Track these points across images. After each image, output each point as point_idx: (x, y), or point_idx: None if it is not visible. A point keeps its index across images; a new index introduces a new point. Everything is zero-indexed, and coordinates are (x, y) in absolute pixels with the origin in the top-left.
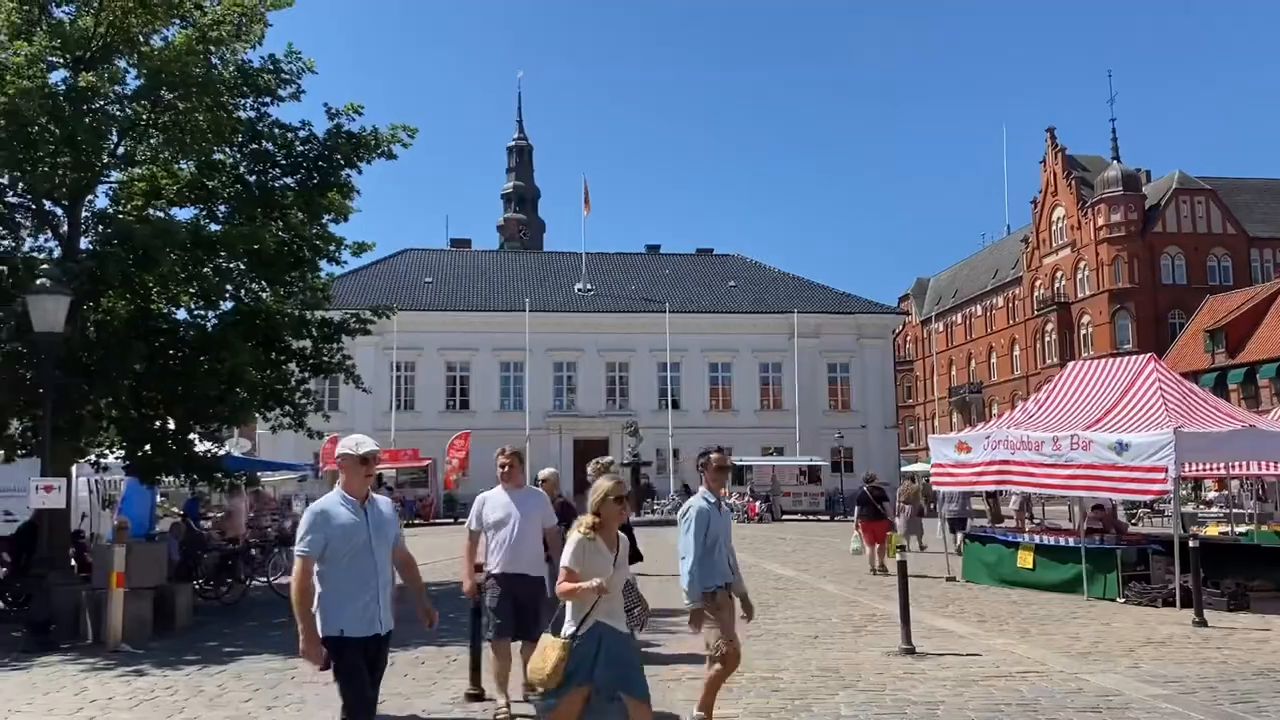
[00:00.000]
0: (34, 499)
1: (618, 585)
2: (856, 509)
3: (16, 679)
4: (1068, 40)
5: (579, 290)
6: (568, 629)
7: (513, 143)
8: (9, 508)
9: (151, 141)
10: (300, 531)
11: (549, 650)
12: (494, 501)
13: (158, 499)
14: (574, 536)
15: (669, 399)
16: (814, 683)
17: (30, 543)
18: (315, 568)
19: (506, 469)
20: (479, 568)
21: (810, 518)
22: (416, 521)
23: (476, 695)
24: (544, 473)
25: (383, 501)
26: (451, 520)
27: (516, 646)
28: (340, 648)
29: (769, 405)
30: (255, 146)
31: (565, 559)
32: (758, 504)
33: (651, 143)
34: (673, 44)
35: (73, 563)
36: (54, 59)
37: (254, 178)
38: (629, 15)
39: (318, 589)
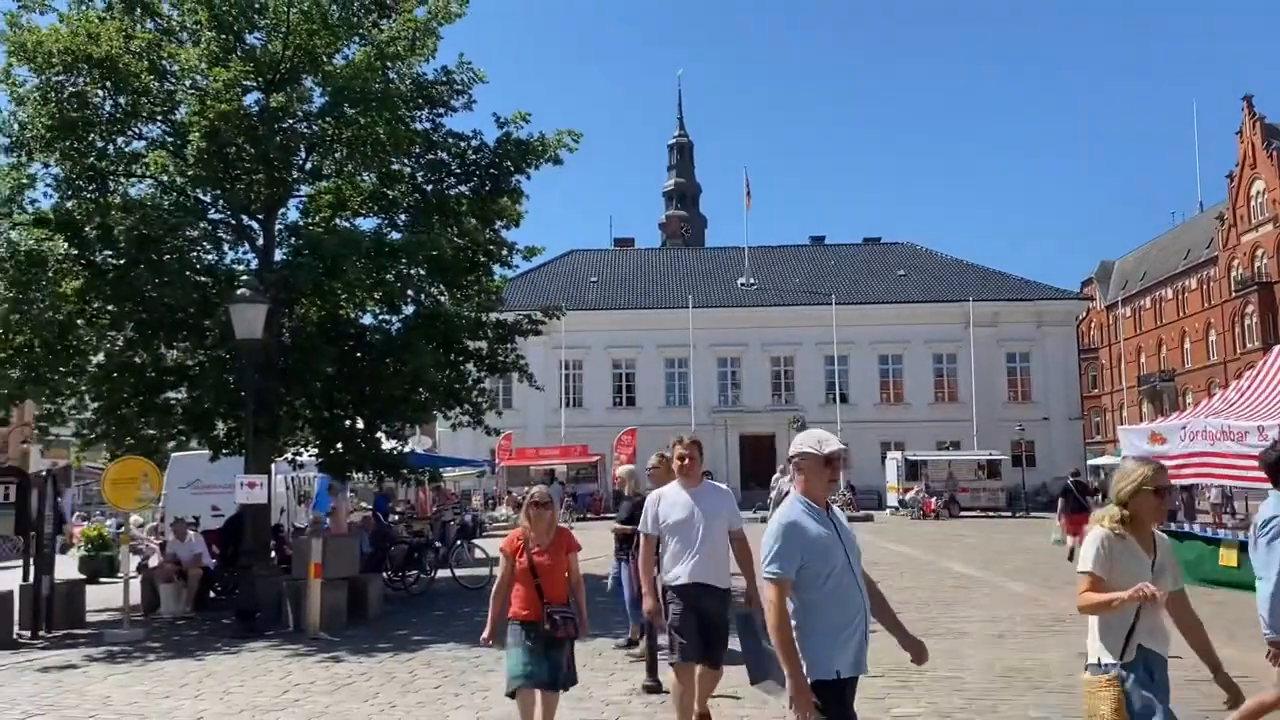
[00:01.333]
0: (239, 495)
1: (1162, 597)
2: (1060, 501)
3: (228, 662)
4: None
5: (742, 285)
6: (1100, 657)
7: (673, 140)
8: (216, 503)
9: (336, 156)
10: (770, 548)
11: (1098, 691)
12: (672, 500)
13: (348, 494)
14: (1095, 533)
15: (836, 393)
16: (999, 684)
17: (236, 536)
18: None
19: (685, 461)
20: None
21: (990, 514)
22: (588, 516)
23: (653, 687)
24: (620, 470)
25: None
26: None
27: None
28: (834, 694)
29: (943, 398)
30: (431, 157)
31: (1086, 562)
32: (934, 500)
33: (814, 133)
34: (834, 31)
35: (273, 555)
36: (248, 83)
37: (430, 187)
38: (789, 5)
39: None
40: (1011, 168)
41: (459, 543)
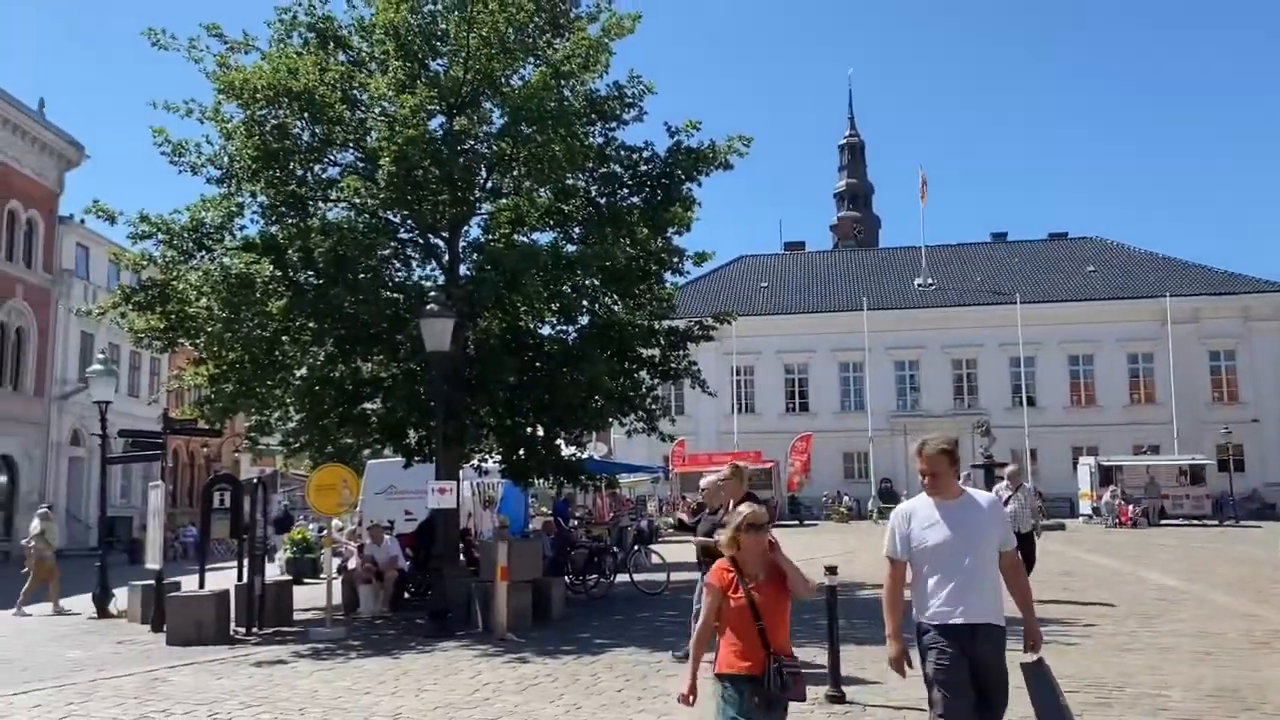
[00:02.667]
0: (431, 500)
1: None
2: None
3: (422, 661)
4: None
5: (919, 285)
6: None
7: (844, 140)
8: (409, 507)
9: (514, 173)
10: None
11: None
12: (926, 518)
13: (530, 499)
14: None
15: (1023, 395)
16: (1208, 703)
17: (428, 539)
18: None
19: (930, 478)
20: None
21: (1194, 522)
22: None
23: (837, 697)
24: (705, 481)
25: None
26: (796, 522)
27: None
28: None
29: (1139, 399)
30: (604, 169)
31: None
32: (1130, 507)
33: (992, 128)
34: (1009, 17)
35: (461, 557)
36: (432, 108)
37: (604, 199)
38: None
39: None
40: (1210, 153)
41: (636, 548)
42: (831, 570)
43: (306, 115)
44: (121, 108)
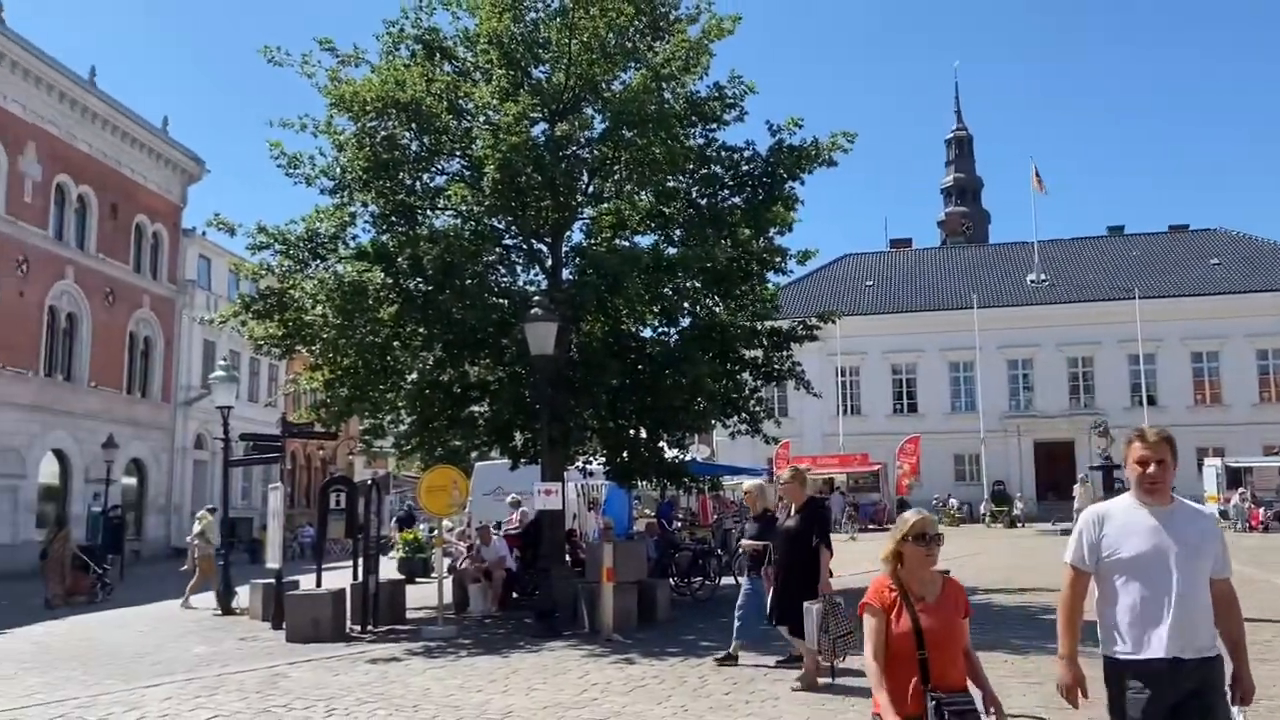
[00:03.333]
0: (537, 501)
1: None
2: None
3: (531, 660)
4: None
5: (1032, 282)
6: None
7: (951, 135)
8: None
9: (615, 178)
10: None
11: None
12: (1125, 524)
13: (633, 501)
14: None
15: (1143, 395)
16: None
17: (535, 540)
18: None
19: (1151, 468)
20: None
21: None
22: (870, 527)
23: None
24: (748, 484)
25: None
26: None
27: None
28: None
29: (1270, 398)
30: (705, 171)
31: None
32: (1261, 510)
33: (1104, 117)
34: (1121, 5)
35: (567, 558)
36: (534, 115)
37: (704, 200)
38: None
39: None
40: None
41: (740, 550)
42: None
43: (414, 125)
44: (238, 123)
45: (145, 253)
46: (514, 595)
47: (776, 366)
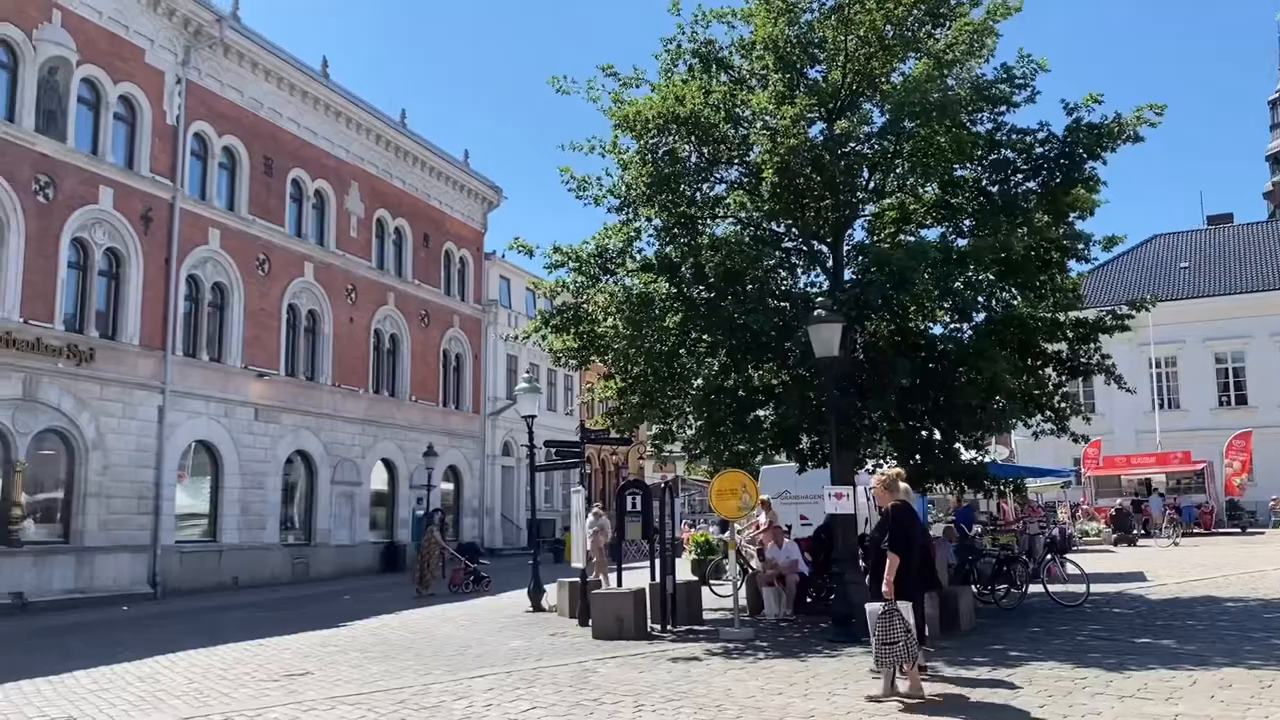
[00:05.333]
0: (828, 505)
1: None
2: None
3: (830, 665)
4: None
5: None
6: None
7: (1275, 95)
8: (805, 512)
9: (897, 171)
10: None
11: None
12: None
13: (928, 506)
14: None
15: None
16: None
17: (827, 544)
18: None
19: None
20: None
21: None
22: (1195, 530)
23: None
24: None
25: None
26: (1238, 530)
27: None
28: None
29: None
30: (994, 157)
31: None
32: None
33: None
34: None
35: (861, 563)
36: (811, 115)
37: (995, 188)
38: None
39: None
40: None
41: (1049, 557)
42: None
43: (694, 138)
44: (526, 150)
45: (454, 277)
46: (809, 600)
47: (1083, 360)
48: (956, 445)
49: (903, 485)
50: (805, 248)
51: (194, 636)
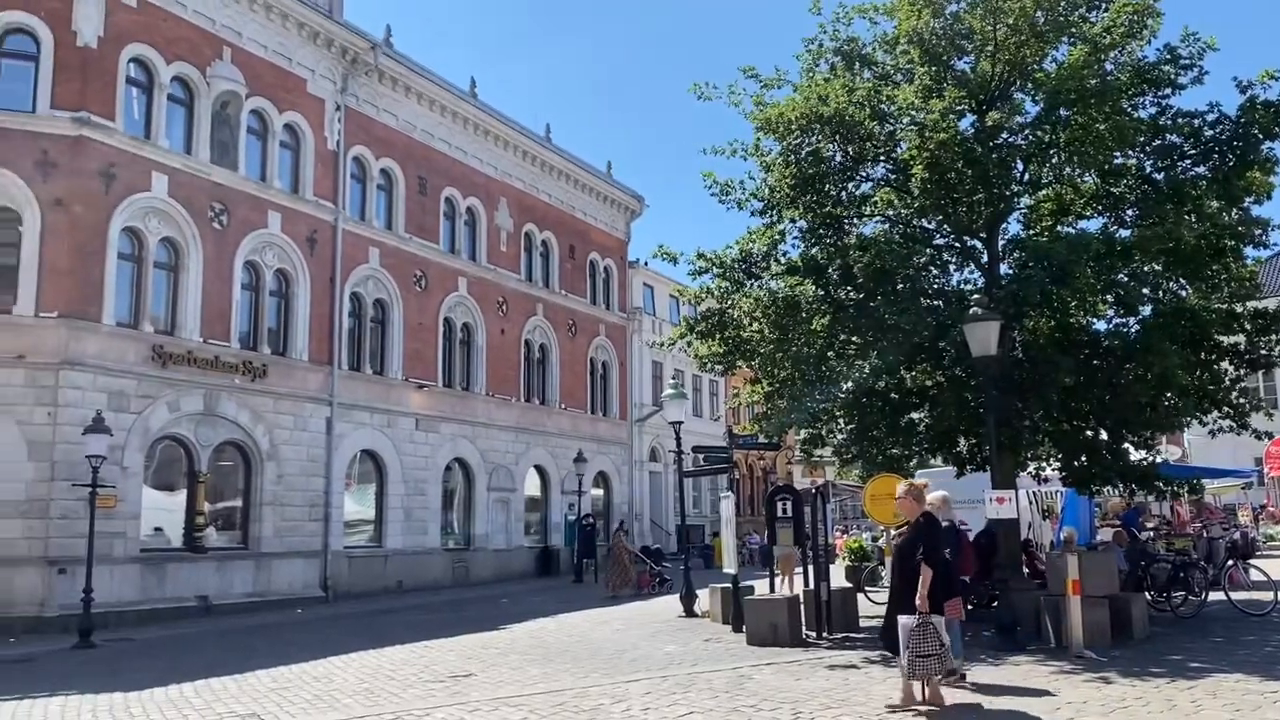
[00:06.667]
0: (988, 510)
1: None
2: None
3: (994, 673)
4: None
5: None
6: None
7: None
8: (963, 517)
9: (1053, 161)
10: None
11: None
12: None
13: (1094, 509)
14: None
15: None
16: None
17: (988, 550)
18: None
19: None
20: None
21: None
22: None
23: None
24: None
25: None
26: None
27: None
28: None
29: None
30: (1159, 142)
31: None
32: None
33: None
34: None
35: (1024, 569)
36: (960, 108)
37: (1160, 174)
38: None
39: None
40: None
41: (1231, 562)
42: None
43: (838, 137)
44: (668, 157)
45: (599, 286)
46: (969, 607)
47: (1263, 352)
48: (1124, 445)
49: (929, 496)
50: (957, 244)
51: (363, 638)
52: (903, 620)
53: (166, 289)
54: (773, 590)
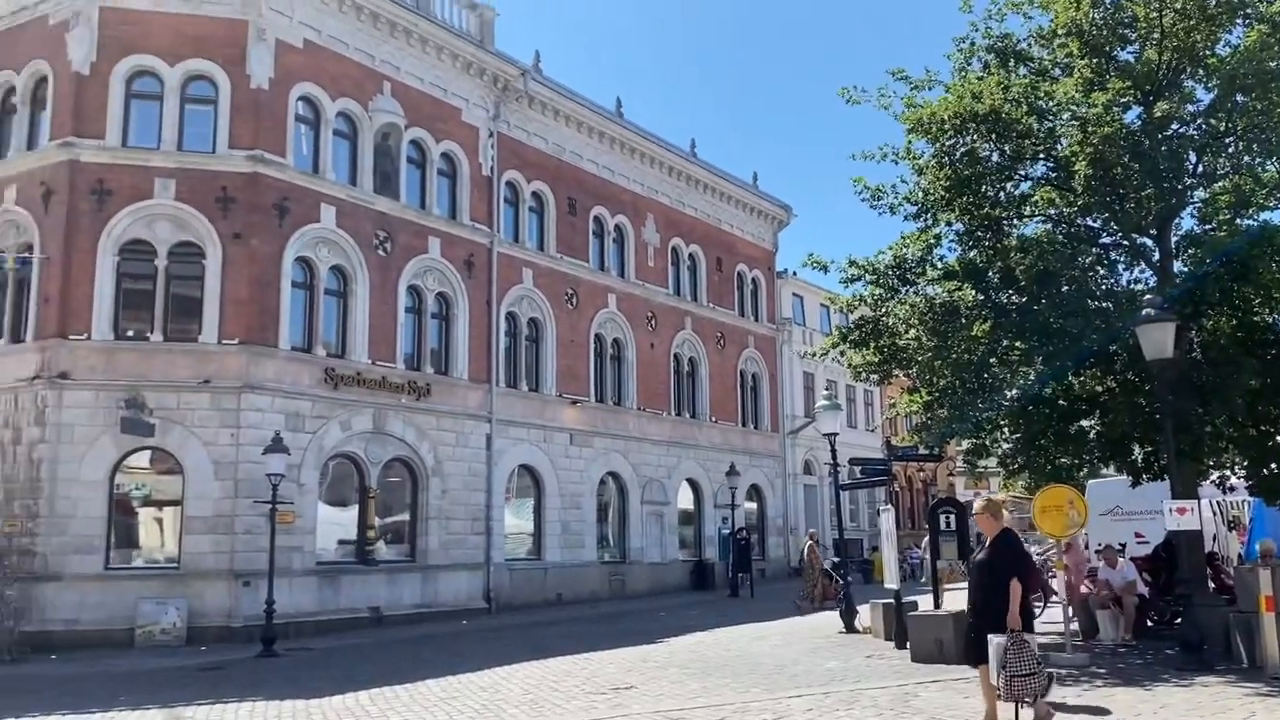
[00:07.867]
0: (1168, 521)
1: None
2: None
3: (1180, 695)
4: None
5: None
6: None
7: None
8: (1140, 529)
9: (1229, 151)
10: None
11: None
12: None
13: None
14: None
15: None
16: None
17: (1168, 564)
18: None
19: None
20: None
21: None
22: None
23: None
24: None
25: None
26: None
27: None
28: None
29: None
30: None
31: None
32: None
33: None
34: None
35: (1210, 584)
36: (1125, 100)
37: None
38: None
39: None
40: None
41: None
42: None
43: (994, 136)
44: (815, 164)
45: (746, 298)
46: (1149, 624)
47: None
48: None
49: (1006, 513)
50: (1126, 242)
51: (526, 649)
52: (994, 639)
53: (336, 314)
54: (937, 606)
